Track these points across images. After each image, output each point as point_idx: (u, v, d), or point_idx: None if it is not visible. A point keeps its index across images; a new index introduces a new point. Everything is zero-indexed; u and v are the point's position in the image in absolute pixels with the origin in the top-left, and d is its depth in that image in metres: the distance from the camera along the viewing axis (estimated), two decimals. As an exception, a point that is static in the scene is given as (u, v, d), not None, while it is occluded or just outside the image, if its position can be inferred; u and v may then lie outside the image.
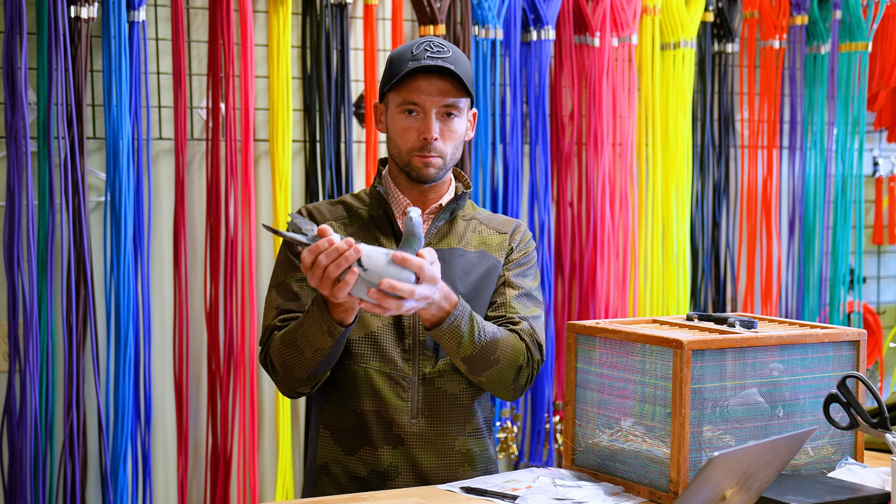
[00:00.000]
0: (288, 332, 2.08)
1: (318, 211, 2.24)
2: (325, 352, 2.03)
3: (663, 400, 1.88)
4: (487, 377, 2.13)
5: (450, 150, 2.17)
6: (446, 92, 2.15)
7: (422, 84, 2.14)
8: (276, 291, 2.19)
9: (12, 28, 2.78)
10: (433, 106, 2.14)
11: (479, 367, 2.11)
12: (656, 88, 3.65)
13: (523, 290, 2.24)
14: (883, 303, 4.30)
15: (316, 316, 1.99)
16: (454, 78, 2.14)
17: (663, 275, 3.67)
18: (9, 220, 2.80)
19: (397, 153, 2.19)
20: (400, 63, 2.15)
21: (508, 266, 2.25)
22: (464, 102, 2.18)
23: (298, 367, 2.08)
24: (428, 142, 2.14)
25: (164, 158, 3.13)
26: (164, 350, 3.12)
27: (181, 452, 3.07)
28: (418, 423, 2.16)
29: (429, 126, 2.14)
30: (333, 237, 1.86)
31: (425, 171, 2.16)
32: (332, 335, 2.00)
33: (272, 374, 2.16)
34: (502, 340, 2.12)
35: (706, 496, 1.50)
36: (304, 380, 2.11)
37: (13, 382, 2.82)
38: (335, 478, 2.18)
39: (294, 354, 2.06)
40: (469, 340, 2.06)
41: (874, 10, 3.87)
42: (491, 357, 2.10)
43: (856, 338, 2.04)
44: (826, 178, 3.95)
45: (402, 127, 2.16)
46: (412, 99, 2.14)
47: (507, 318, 2.20)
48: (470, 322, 2.06)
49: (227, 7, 3.06)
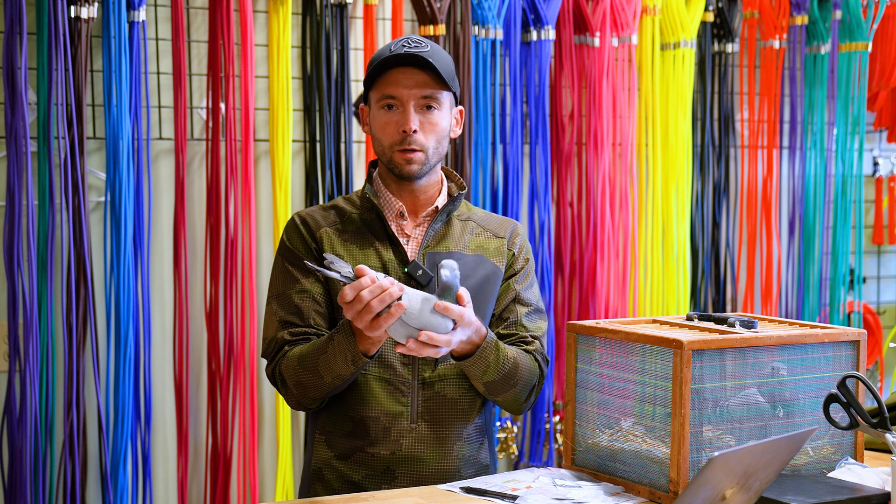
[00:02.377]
0: (306, 354, 2.09)
1: (311, 218, 2.23)
2: (345, 377, 2.06)
3: (663, 400, 1.88)
4: (504, 398, 2.19)
5: (431, 143, 2.16)
6: (424, 84, 2.14)
7: (399, 77, 2.14)
8: (277, 303, 2.19)
9: (12, 28, 2.78)
10: (411, 98, 2.14)
11: (499, 390, 2.16)
12: (656, 88, 3.65)
13: (532, 306, 2.26)
14: (883, 303, 4.30)
15: (342, 345, 2.01)
16: (431, 70, 2.13)
17: (663, 275, 3.67)
18: (9, 220, 2.80)
19: (381, 150, 2.19)
20: (378, 60, 2.16)
21: (515, 279, 2.26)
22: (444, 96, 2.17)
23: (315, 389, 2.10)
24: (407, 134, 2.13)
25: (164, 158, 3.13)
26: (164, 350, 3.12)
27: (181, 452, 3.07)
28: (418, 427, 2.16)
29: (407, 118, 2.13)
30: (375, 275, 1.89)
31: (408, 168, 2.15)
32: (356, 364, 2.02)
33: (282, 389, 2.16)
34: (521, 365, 2.16)
35: (706, 496, 1.50)
36: (319, 399, 2.14)
37: (13, 382, 2.82)
38: (328, 483, 2.19)
39: (312, 378, 2.08)
40: (494, 369, 2.11)
41: (874, 10, 3.87)
42: (511, 381, 2.15)
43: (856, 338, 2.04)
44: (826, 178, 3.95)
45: (383, 122, 2.16)
46: (389, 92, 2.14)
47: (519, 338, 2.23)
48: (496, 351, 2.10)
49: (227, 7, 3.06)
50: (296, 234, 2.21)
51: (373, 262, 2.16)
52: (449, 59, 2.20)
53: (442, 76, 2.13)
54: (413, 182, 2.19)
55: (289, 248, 2.21)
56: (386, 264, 2.16)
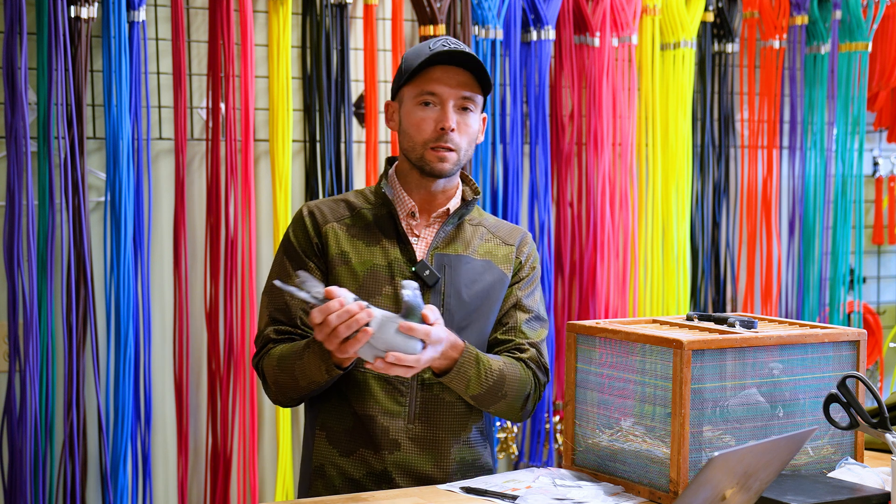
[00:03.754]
0: (285, 356, 2.10)
1: (319, 212, 2.22)
2: (320, 384, 2.08)
3: (663, 400, 1.88)
4: (496, 409, 2.18)
5: (464, 144, 2.16)
6: (464, 84, 2.14)
7: (440, 75, 2.13)
8: (269, 296, 2.20)
9: (12, 28, 2.78)
10: (451, 97, 2.13)
11: (487, 402, 2.15)
12: (656, 88, 3.65)
13: (532, 313, 2.25)
14: (883, 303, 4.30)
15: (317, 354, 2.02)
16: (472, 70, 2.13)
17: (663, 275, 3.67)
18: (9, 220, 2.80)
19: (411, 146, 2.16)
20: (417, 57, 2.14)
21: (519, 285, 2.25)
22: (479, 100, 2.18)
23: (292, 391, 2.13)
24: (445, 132, 2.12)
25: (164, 158, 3.13)
26: (164, 350, 3.12)
27: (181, 452, 3.07)
28: (415, 428, 2.16)
29: (446, 115, 2.12)
30: (344, 298, 1.88)
31: (440, 166, 2.14)
32: (330, 374, 2.04)
33: (264, 384, 2.19)
34: (508, 376, 2.15)
35: (706, 496, 1.50)
36: (297, 399, 2.17)
37: (13, 382, 2.82)
38: (330, 480, 2.18)
39: (288, 380, 2.10)
40: (476, 382, 2.10)
41: (874, 10, 3.87)
42: (499, 393, 2.14)
43: (856, 338, 2.04)
44: (826, 178, 3.95)
45: (419, 118, 2.14)
46: (430, 89, 2.13)
47: (515, 345, 2.22)
48: (476, 365, 2.09)
49: (227, 7, 3.06)
50: (301, 228, 2.21)
51: (378, 260, 2.16)
52: None
53: (485, 78, 2.14)
54: (435, 181, 2.18)
55: (290, 241, 2.21)
56: (392, 263, 2.16)
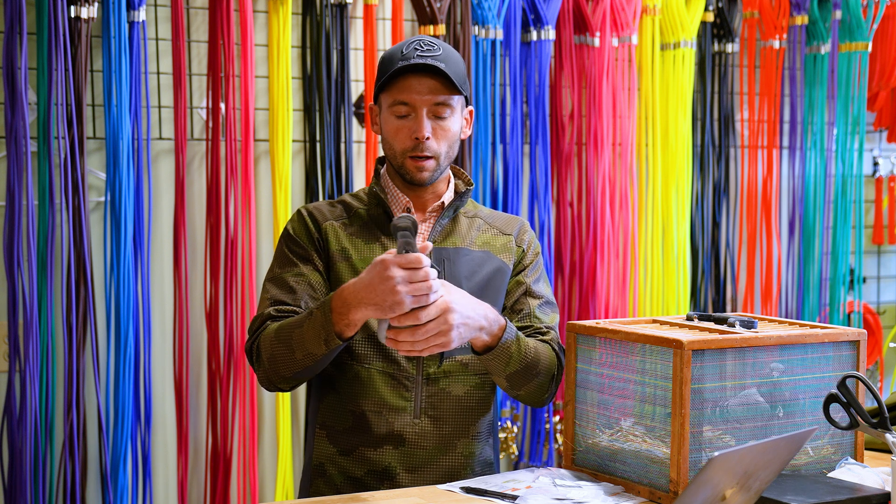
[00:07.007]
0: (284, 326, 2.07)
1: (318, 211, 2.23)
2: (315, 357, 2.03)
3: (663, 400, 1.88)
4: (527, 391, 2.17)
5: (443, 149, 2.17)
6: (436, 90, 2.14)
7: (412, 83, 2.13)
8: (271, 284, 2.18)
9: (12, 28, 2.78)
10: (423, 105, 2.13)
11: (521, 382, 2.14)
12: (656, 88, 3.65)
13: (543, 298, 2.26)
14: (883, 303, 4.30)
15: (318, 321, 1.99)
16: (444, 76, 2.13)
17: (663, 275, 3.67)
18: (9, 220, 2.80)
19: (392, 154, 2.19)
20: (390, 63, 2.15)
21: (525, 272, 2.26)
22: (456, 100, 2.17)
23: (285, 365, 2.07)
24: (420, 141, 2.13)
25: (164, 158, 3.13)
26: (164, 350, 3.12)
27: (181, 452, 3.07)
28: (420, 423, 2.16)
29: (420, 125, 2.13)
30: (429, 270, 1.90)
31: (419, 175, 2.17)
32: (329, 345, 2.00)
33: (255, 363, 2.14)
34: (542, 354, 2.15)
35: (706, 496, 1.50)
36: (288, 378, 2.10)
37: (13, 382, 2.82)
38: (330, 478, 2.18)
39: (284, 351, 2.05)
40: (517, 360, 2.10)
41: (874, 10, 3.87)
42: (533, 371, 2.14)
43: (856, 338, 2.04)
44: (826, 178, 3.95)
45: (395, 128, 2.16)
46: (402, 98, 2.14)
47: (535, 329, 2.22)
48: (517, 342, 2.10)
49: (227, 7, 3.06)
50: (301, 224, 2.21)
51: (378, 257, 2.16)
52: (460, 60, 2.19)
53: (454, 82, 2.13)
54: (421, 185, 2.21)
55: (291, 235, 2.21)
56: None
